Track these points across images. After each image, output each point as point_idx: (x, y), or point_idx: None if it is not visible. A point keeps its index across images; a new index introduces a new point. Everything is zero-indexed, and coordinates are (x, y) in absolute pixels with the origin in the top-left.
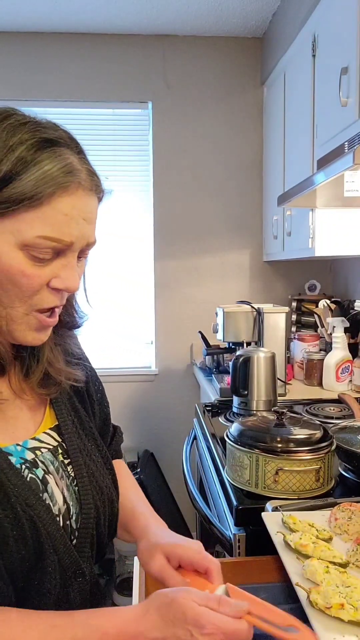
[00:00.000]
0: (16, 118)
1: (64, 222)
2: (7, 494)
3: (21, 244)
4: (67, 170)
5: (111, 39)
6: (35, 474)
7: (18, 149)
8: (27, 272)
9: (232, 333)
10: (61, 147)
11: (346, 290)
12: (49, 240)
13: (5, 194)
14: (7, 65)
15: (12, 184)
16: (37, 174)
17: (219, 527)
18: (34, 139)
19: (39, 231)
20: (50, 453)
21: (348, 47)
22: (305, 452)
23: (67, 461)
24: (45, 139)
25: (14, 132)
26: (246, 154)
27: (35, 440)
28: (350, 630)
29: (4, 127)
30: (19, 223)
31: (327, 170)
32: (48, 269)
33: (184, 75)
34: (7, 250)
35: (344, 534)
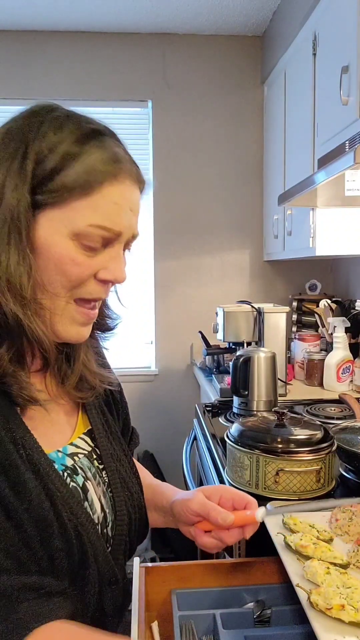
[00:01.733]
0: (60, 111)
1: (113, 211)
2: (54, 503)
3: (72, 233)
4: (115, 159)
5: (111, 38)
6: (76, 481)
7: (67, 139)
8: (78, 261)
9: (233, 333)
10: (106, 137)
11: (347, 290)
12: (99, 228)
13: (57, 183)
14: (6, 64)
15: (63, 173)
16: (87, 162)
17: None
18: (81, 129)
19: (90, 219)
20: (87, 459)
21: (348, 45)
22: (306, 453)
23: (101, 467)
24: (91, 129)
25: (61, 123)
26: (246, 153)
27: (73, 446)
28: (351, 631)
29: (50, 119)
30: (70, 212)
31: (328, 169)
32: (97, 259)
33: (184, 74)
34: (59, 239)
35: (344, 534)
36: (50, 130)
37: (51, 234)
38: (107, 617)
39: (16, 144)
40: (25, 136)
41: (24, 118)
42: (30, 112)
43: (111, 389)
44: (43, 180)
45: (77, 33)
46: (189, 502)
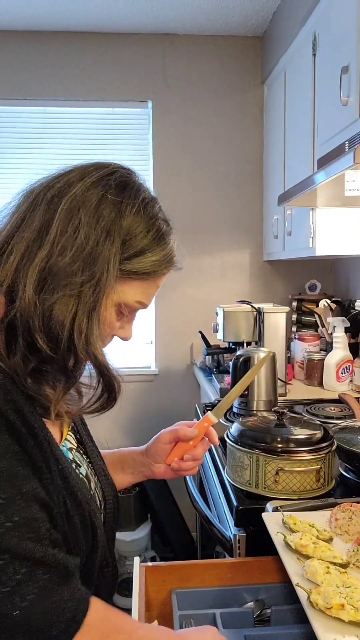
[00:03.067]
0: (146, 192)
1: (153, 292)
2: (74, 492)
3: (121, 302)
4: (172, 258)
5: (111, 38)
6: (82, 472)
7: (149, 233)
8: (113, 325)
9: (232, 333)
10: (172, 232)
11: (347, 290)
12: (140, 304)
13: (133, 266)
14: (6, 64)
15: (136, 259)
16: (155, 259)
17: (219, 528)
18: (161, 222)
19: (138, 297)
20: (78, 453)
21: (348, 46)
22: (306, 453)
23: (88, 460)
24: (166, 222)
25: (150, 210)
26: (246, 153)
27: (67, 441)
28: (351, 630)
29: (141, 201)
30: (126, 288)
31: (328, 169)
32: (120, 322)
33: (184, 74)
34: (108, 305)
35: (344, 534)
36: (139, 216)
37: (107, 300)
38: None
39: (113, 217)
40: (121, 214)
41: (117, 189)
42: (122, 184)
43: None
44: (124, 259)
45: (77, 33)
46: (159, 437)
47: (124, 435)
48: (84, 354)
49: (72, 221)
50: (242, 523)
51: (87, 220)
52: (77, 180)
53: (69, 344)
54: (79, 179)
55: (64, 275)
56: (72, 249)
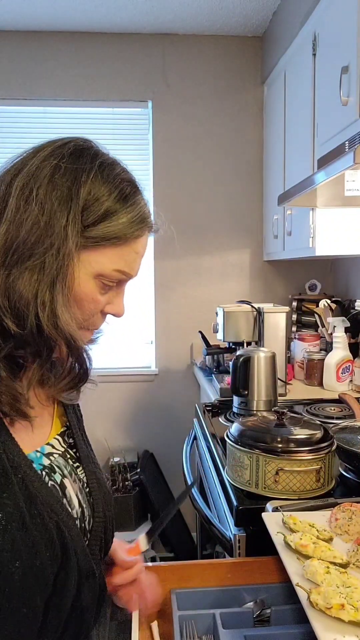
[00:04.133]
0: (103, 157)
1: (134, 259)
2: (34, 502)
3: (97, 273)
4: (144, 218)
5: (111, 38)
6: (54, 479)
7: (111, 194)
8: (95, 299)
9: (232, 333)
10: (138, 195)
11: (347, 290)
12: (121, 273)
13: (97, 232)
14: (6, 64)
15: (103, 224)
16: (123, 220)
17: (219, 528)
18: (124, 183)
19: (116, 265)
20: (62, 458)
21: (348, 46)
22: (306, 452)
23: (76, 465)
24: (131, 183)
25: (107, 175)
26: (246, 153)
27: (49, 446)
28: (351, 630)
29: (97, 166)
30: (100, 256)
31: (328, 169)
32: (106, 296)
33: (184, 74)
34: (85, 278)
35: (344, 534)
36: (97, 180)
37: (80, 272)
38: (84, 609)
39: (69, 184)
40: (76, 180)
41: (71, 157)
42: (77, 151)
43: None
44: (85, 226)
45: (77, 33)
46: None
47: (124, 436)
48: (50, 327)
49: (27, 195)
50: (242, 523)
51: (42, 192)
52: (31, 157)
53: (37, 320)
54: (32, 156)
55: (23, 249)
56: (28, 222)
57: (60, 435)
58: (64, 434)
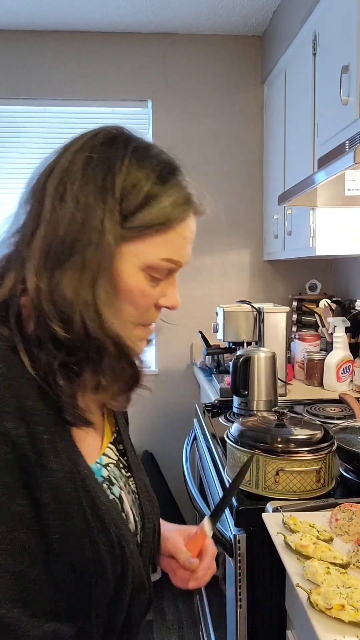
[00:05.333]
0: (137, 142)
1: (182, 245)
2: (100, 517)
3: (145, 265)
4: (188, 199)
5: (110, 38)
6: (114, 493)
7: (149, 177)
8: (146, 292)
9: (233, 333)
10: (179, 174)
11: (347, 290)
12: (169, 262)
13: (139, 220)
14: (6, 64)
15: (144, 211)
16: (166, 203)
17: (219, 528)
18: (160, 167)
19: (163, 254)
20: (116, 468)
21: (349, 45)
22: (306, 453)
23: (128, 474)
24: (170, 164)
25: (142, 159)
26: (246, 152)
27: (105, 456)
28: (351, 631)
29: (131, 151)
30: (146, 246)
31: (328, 169)
32: (158, 288)
33: (184, 73)
34: (132, 271)
35: (344, 534)
36: (133, 166)
37: (125, 266)
38: (132, 625)
39: (103, 175)
40: (110, 169)
41: (103, 146)
42: (109, 140)
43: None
44: (126, 216)
45: (77, 33)
46: (164, 546)
47: None
48: (95, 327)
49: (61, 193)
50: (242, 523)
51: (76, 187)
52: (62, 154)
53: (82, 321)
54: (63, 152)
55: (63, 249)
56: (64, 220)
57: (112, 443)
58: (115, 442)
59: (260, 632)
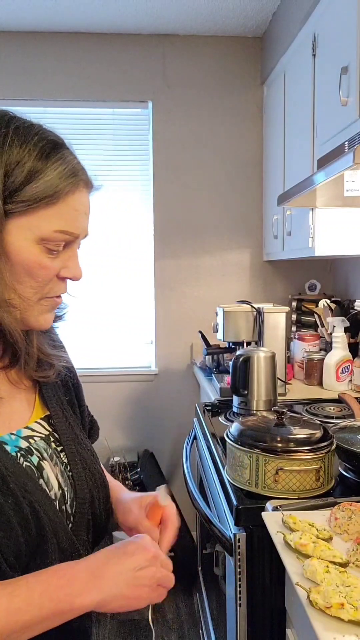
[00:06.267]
0: (19, 121)
1: (74, 217)
2: (5, 481)
3: (39, 238)
4: (74, 172)
5: (111, 39)
6: (31, 461)
7: (32, 154)
8: (44, 264)
9: (232, 333)
10: (63, 149)
11: (346, 290)
12: (63, 233)
13: (26, 195)
14: (7, 64)
15: (30, 186)
16: (51, 176)
17: (219, 527)
18: (42, 144)
19: (55, 226)
20: (43, 441)
21: (348, 46)
22: (306, 452)
23: (59, 448)
24: (53, 141)
25: (25, 136)
26: (246, 153)
27: (28, 429)
28: (351, 629)
29: (14, 130)
30: (37, 220)
31: (327, 169)
32: (58, 260)
33: (184, 74)
34: (26, 245)
35: (344, 533)
36: (15, 143)
37: (19, 240)
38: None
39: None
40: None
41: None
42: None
43: (66, 376)
44: (12, 191)
45: (77, 34)
46: (126, 519)
47: (124, 435)
48: None
49: None
50: (242, 522)
51: None
52: None
53: None
54: None
55: None
56: None
57: (44, 419)
58: (48, 418)
59: (260, 631)
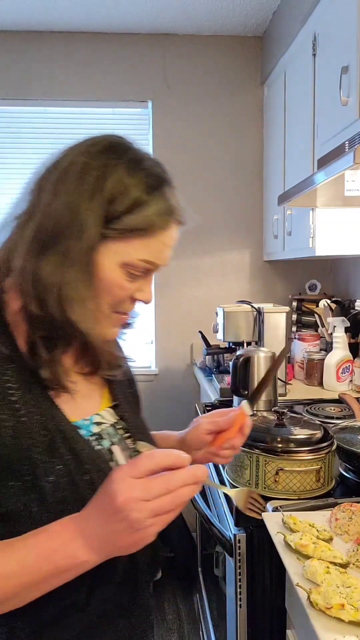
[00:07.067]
0: (133, 153)
1: (161, 250)
2: (81, 461)
3: (124, 263)
4: (171, 210)
5: (111, 38)
6: (103, 445)
7: (138, 186)
8: (123, 286)
9: (232, 333)
10: (166, 187)
11: (347, 290)
12: (147, 263)
13: (123, 223)
14: (6, 64)
15: (129, 216)
16: (150, 211)
17: (219, 528)
18: (149, 179)
19: (142, 255)
20: (112, 428)
21: (348, 46)
22: (306, 452)
23: (126, 435)
24: (159, 177)
25: (134, 168)
26: (246, 153)
27: (98, 416)
28: (351, 630)
29: (126, 161)
30: (126, 246)
31: (328, 169)
32: (136, 284)
33: (184, 74)
34: (111, 266)
35: (344, 534)
36: (125, 173)
37: (106, 261)
38: (139, 570)
39: (95, 179)
40: (104, 174)
41: (100, 153)
42: (108, 148)
43: (128, 371)
44: (112, 218)
45: (77, 33)
46: (199, 426)
47: None
48: (66, 312)
49: (57, 189)
50: (242, 523)
51: (71, 187)
52: (66, 154)
53: (57, 305)
54: (68, 153)
55: (49, 239)
56: (55, 215)
57: (111, 408)
58: (115, 407)
59: (260, 632)
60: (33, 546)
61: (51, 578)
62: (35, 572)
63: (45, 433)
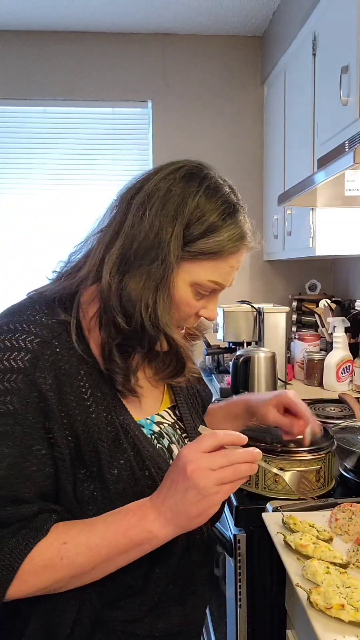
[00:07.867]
0: (211, 180)
1: (228, 273)
2: (143, 458)
3: (193, 282)
4: (242, 236)
5: (111, 38)
6: (162, 444)
7: (214, 212)
8: (190, 303)
9: (232, 333)
10: (240, 213)
11: (347, 290)
12: (215, 283)
13: (197, 246)
14: (6, 64)
15: (203, 240)
16: (223, 237)
17: (219, 528)
18: (224, 206)
19: (210, 276)
20: (171, 427)
21: (348, 45)
22: (306, 453)
23: (184, 435)
24: (233, 205)
25: (212, 195)
26: (246, 153)
27: (159, 416)
28: (351, 630)
29: (204, 188)
30: (197, 268)
31: (328, 169)
32: (202, 302)
33: (184, 74)
34: (181, 285)
35: (344, 534)
36: (202, 200)
37: (179, 280)
38: (193, 563)
39: (177, 205)
40: (184, 202)
41: (181, 181)
42: (188, 175)
43: (195, 377)
44: (188, 241)
45: (77, 33)
46: (267, 413)
47: None
48: (151, 326)
49: (141, 214)
50: (242, 523)
51: (154, 211)
52: (149, 178)
53: (141, 319)
54: (151, 177)
55: (134, 259)
56: (139, 237)
57: (170, 409)
58: (174, 408)
59: (260, 632)
60: (112, 523)
61: (127, 552)
62: (114, 545)
63: (110, 429)
